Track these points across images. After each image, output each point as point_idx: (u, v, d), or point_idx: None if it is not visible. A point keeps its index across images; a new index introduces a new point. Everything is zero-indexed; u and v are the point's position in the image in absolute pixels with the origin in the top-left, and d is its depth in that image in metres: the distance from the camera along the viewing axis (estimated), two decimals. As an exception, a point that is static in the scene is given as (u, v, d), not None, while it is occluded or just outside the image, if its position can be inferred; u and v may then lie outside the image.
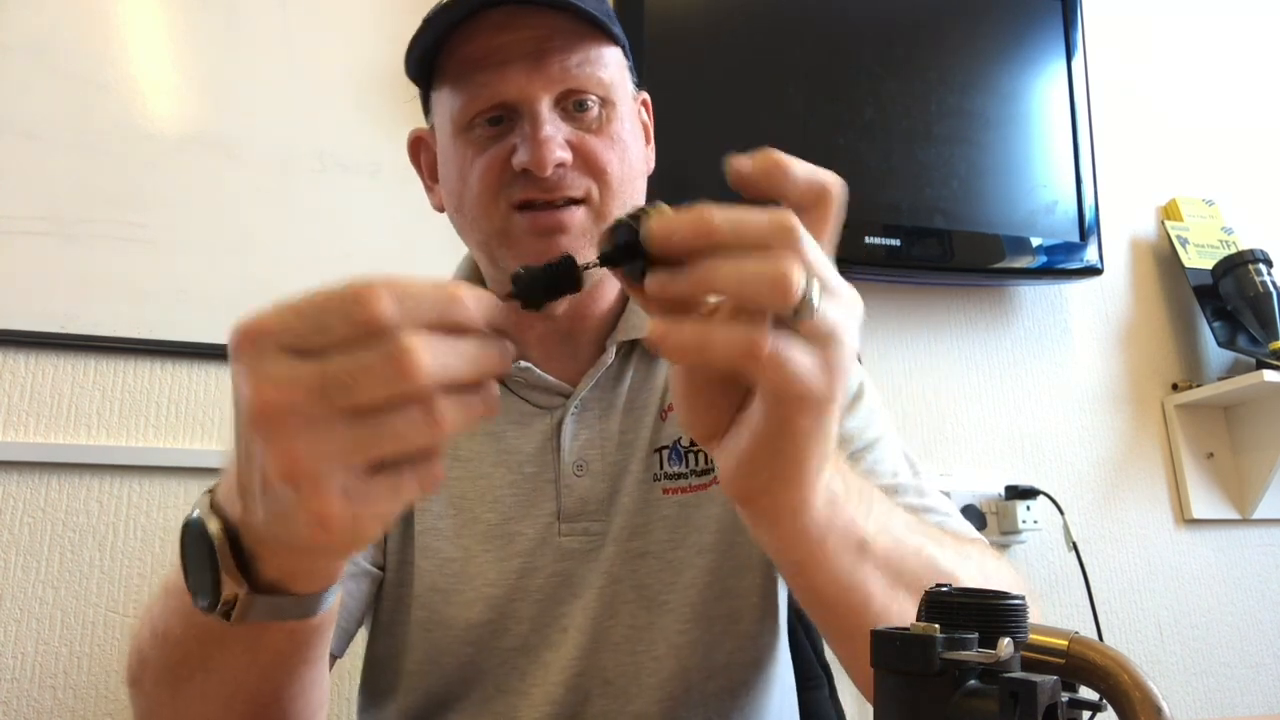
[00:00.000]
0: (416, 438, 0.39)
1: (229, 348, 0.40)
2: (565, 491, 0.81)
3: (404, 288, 0.39)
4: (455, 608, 0.80)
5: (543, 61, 0.73)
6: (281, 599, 0.47)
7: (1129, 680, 0.45)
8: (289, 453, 0.38)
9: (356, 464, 0.39)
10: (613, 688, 0.79)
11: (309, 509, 0.39)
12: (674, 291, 0.41)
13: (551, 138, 0.72)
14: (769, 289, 0.40)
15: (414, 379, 0.37)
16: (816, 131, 1.72)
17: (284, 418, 0.38)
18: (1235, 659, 1.93)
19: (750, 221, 0.40)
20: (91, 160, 1.38)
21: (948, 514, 0.80)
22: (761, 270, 0.40)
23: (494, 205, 0.75)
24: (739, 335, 0.40)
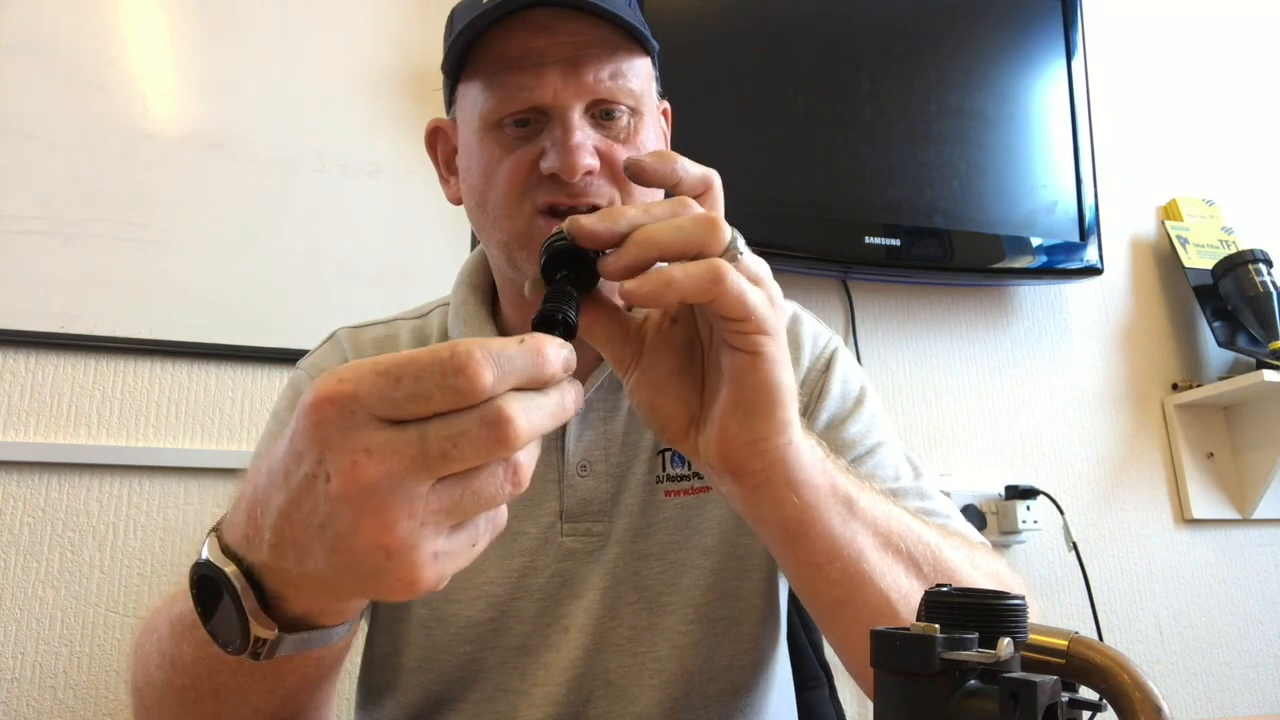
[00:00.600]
0: (500, 495, 0.40)
1: (303, 410, 0.39)
2: (568, 492, 0.81)
3: (497, 350, 0.39)
4: (456, 605, 0.80)
5: (579, 69, 0.73)
6: (309, 633, 0.47)
7: (1129, 680, 0.45)
8: (388, 526, 0.38)
9: (445, 526, 0.40)
10: (614, 689, 0.79)
11: (400, 575, 0.40)
12: (625, 261, 0.47)
13: (582, 144, 0.72)
14: (704, 230, 0.48)
15: (512, 445, 0.39)
16: (816, 131, 1.72)
17: (383, 489, 0.38)
18: (1235, 659, 1.93)
19: (658, 202, 0.49)
20: (91, 160, 1.38)
21: (949, 516, 0.81)
22: (691, 219, 0.48)
23: (518, 207, 0.75)
24: (701, 267, 0.47)
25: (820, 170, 1.71)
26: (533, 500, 0.81)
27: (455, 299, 0.88)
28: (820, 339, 0.89)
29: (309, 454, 0.39)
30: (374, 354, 0.85)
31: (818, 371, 0.86)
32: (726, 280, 0.47)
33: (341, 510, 0.38)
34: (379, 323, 0.91)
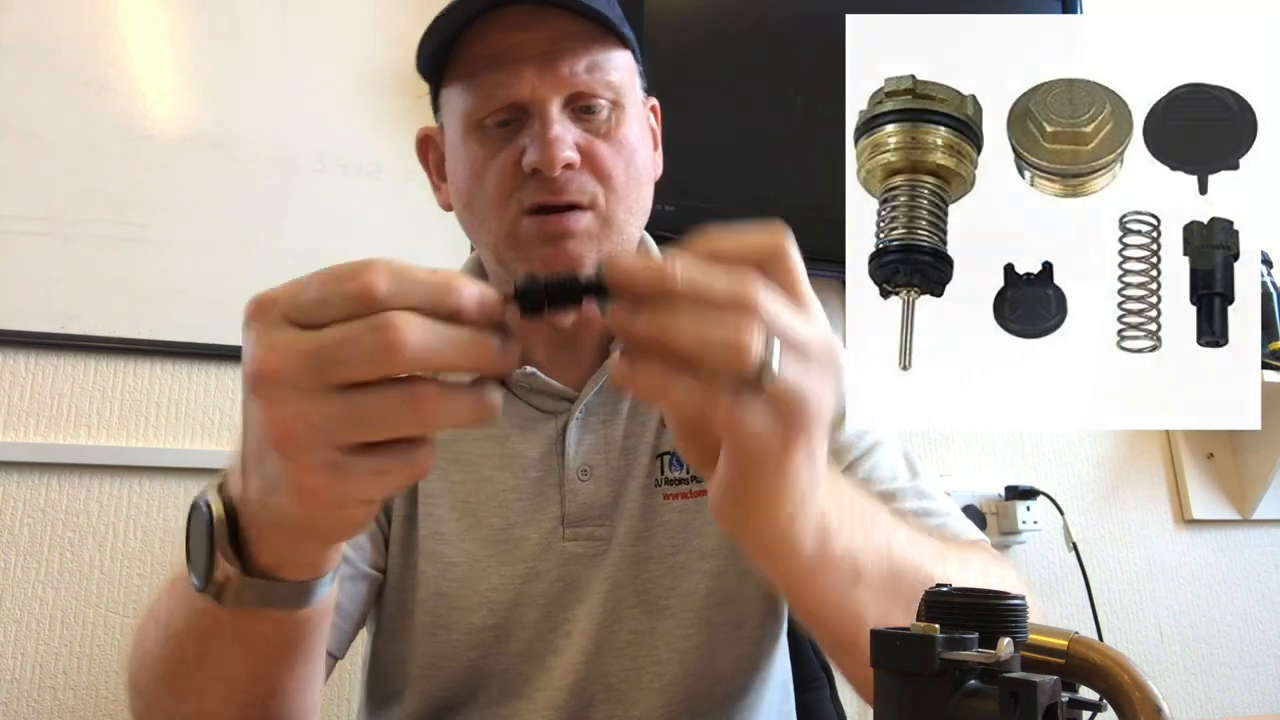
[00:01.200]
0: (398, 421, 0.39)
1: (243, 316, 0.41)
2: (569, 496, 0.80)
3: (401, 268, 0.39)
4: (460, 612, 0.79)
5: (554, 62, 0.73)
6: (272, 584, 0.48)
7: (1129, 680, 0.45)
8: (279, 417, 0.39)
9: (340, 439, 0.39)
10: (615, 693, 0.79)
11: (292, 479, 0.41)
12: (630, 333, 0.41)
13: (560, 138, 0.72)
14: (724, 355, 0.40)
15: (397, 354, 0.38)
16: (816, 131, 1.72)
17: (277, 383, 0.39)
18: (1235, 659, 1.93)
19: (710, 283, 0.40)
20: (91, 160, 1.38)
21: (948, 514, 0.80)
22: (717, 334, 0.40)
23: (504, 208, 0.75)
24: (696, 392, 0.41)
25: (820, 170, 1.71)
26: (534, 505, 0.81)
27: None
28: None
29: (244, 357, 0.41)
30: None
31: None
32: (718, 417, 0.42)
33: (251, 405, 0.41)
34: None
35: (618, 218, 0.76)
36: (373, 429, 0.39)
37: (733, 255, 0.42)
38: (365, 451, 0.40)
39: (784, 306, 0.42)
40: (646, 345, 0.41)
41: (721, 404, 0.41)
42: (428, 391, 0.39)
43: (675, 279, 0.40)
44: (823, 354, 0.44)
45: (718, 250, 0.42)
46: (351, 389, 0.38)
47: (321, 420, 0.39)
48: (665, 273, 0.40)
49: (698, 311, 0.40)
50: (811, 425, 0.44)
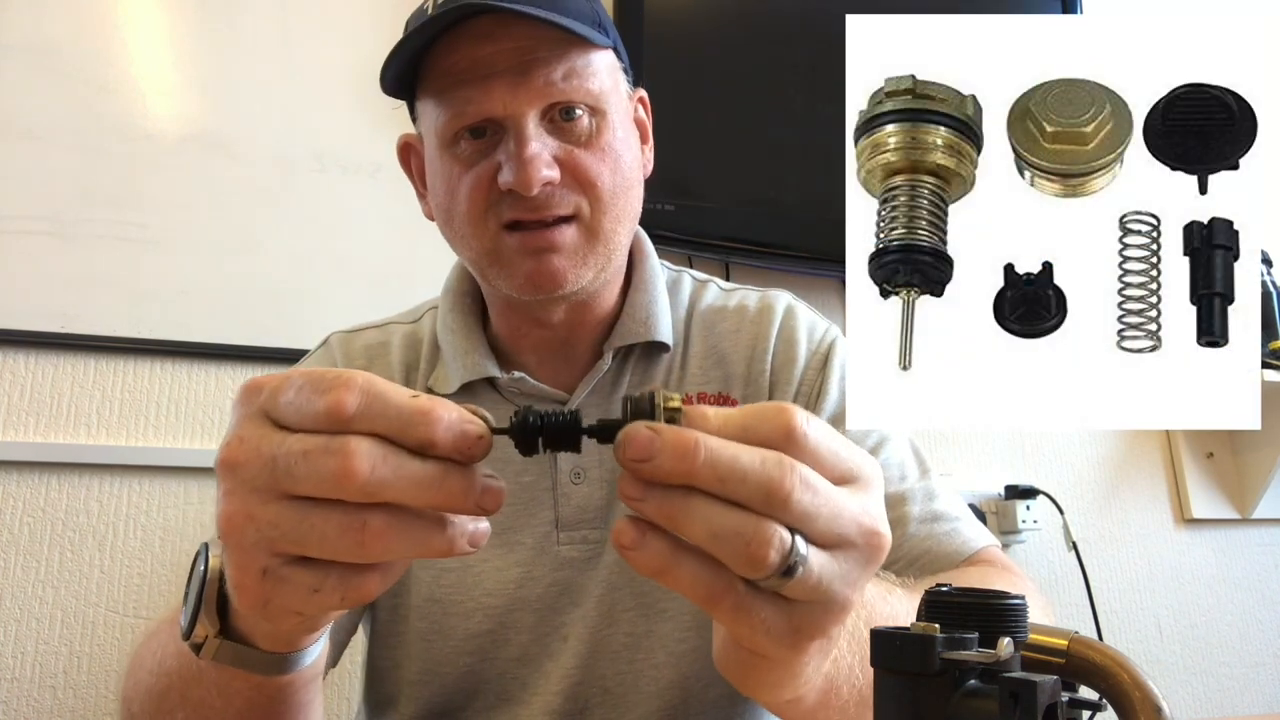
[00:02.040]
0: (337, 545, 0.37)
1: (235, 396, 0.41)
2: (563, 499, 0.80)
3: (378, 389, 0.37)
4: (455, 618, 0.79)
5: (528, 75, 0.70)
6: (247, 650, 0.46)
7: (1129, 680, 0.45)
8: (229, 509, 0.38)
9: (279, 547, 0.38)
10: (611, 696, 0.79)
11: (233, 573, 0.40)
12: (639, 509, 0.37)
13: (537, 155, 0.70)
14: (738, 557, 0.36)
15: (347, 481, 0.36)
16: (816, 131, 1.72)
17: (236, 476, 0.38)
18: (1235, 659, 1.93)
19: (737, 471, 0.35)
20: (91, 160, 1.38)
21: (958, 518, 0.79)
22: (735, 533, 0.35)
23: (483, 225, 0.74)
24: (701, 581, 0.37)
25: (820, 170, 1.71)
26: (527, 510, 0.80)
27: (443, 305, 0.87)
28: (816, 331, 0.87)
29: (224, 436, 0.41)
30: (365, 361, 0.85)
31: (815, 369, 0.84)
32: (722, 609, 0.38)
33: (218, 483, 0.40)
34: (372, 326, 0.90)
35: (604, 227, 0.75)
36: (312, 546, 0.37)
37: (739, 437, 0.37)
38: (303, 564, 0.38)
39: (823, 495, 0.37)
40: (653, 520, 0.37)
41: (729, 600, 0.37)
42: (375, 523, 0.37)
43: (696, 461, 0.35)
44: (862, 544, 0.38)
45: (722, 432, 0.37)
46: (302, 500, 0.37)
47: (265, 524, 0.37)
48: (687, 453, 0.35)
49: (719, 500, 0.36)
50: (829, 626, 0.39)
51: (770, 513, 0.36)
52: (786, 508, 0.36)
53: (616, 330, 0.83)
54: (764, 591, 0.37)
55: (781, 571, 0.36)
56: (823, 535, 0.37)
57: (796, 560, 0.36)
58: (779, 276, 1.72)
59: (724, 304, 0.89)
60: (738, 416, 0.38)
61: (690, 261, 1.64)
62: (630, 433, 0.36)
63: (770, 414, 0.38)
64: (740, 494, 0.36)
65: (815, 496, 0.37)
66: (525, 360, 0.83)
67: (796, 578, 0.36)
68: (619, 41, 0.79)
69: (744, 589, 0.37)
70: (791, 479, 0.36)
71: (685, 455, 0.35)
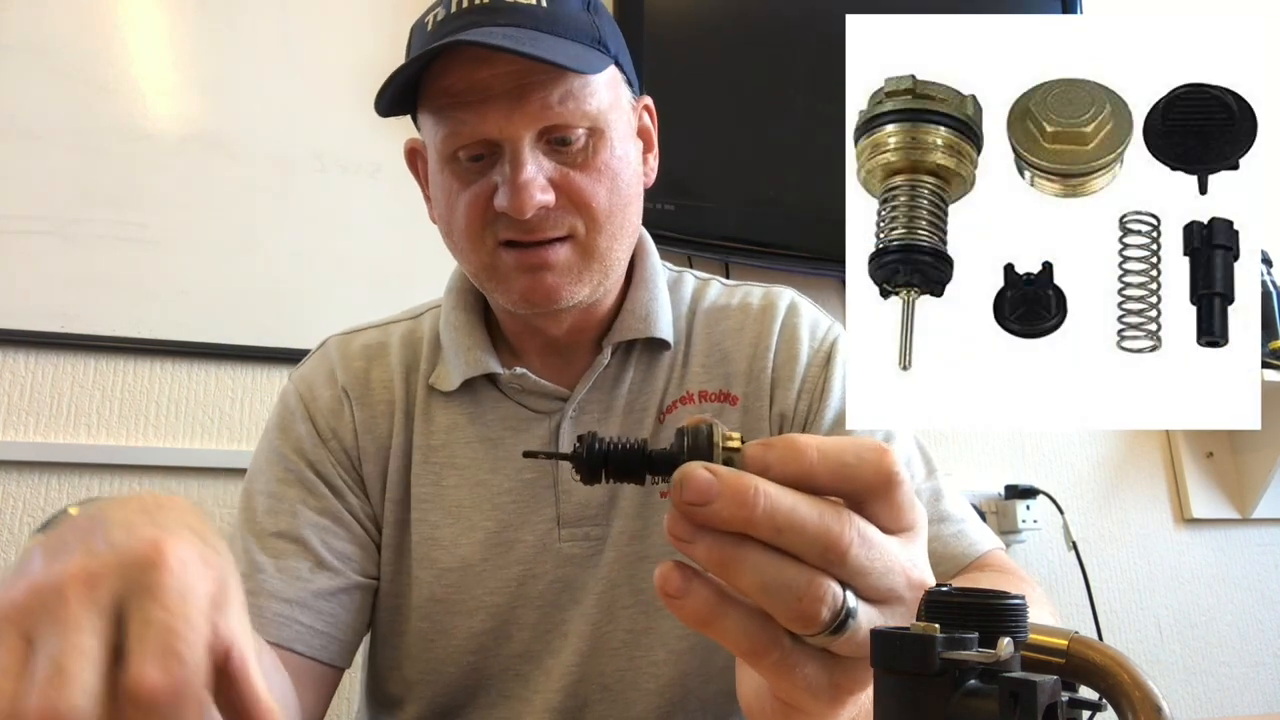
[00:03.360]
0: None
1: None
2: (564, 497, 0.80)
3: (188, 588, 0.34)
4: (456, 617, 0.79)
5: (524, 99, 0.70)
6: None
7: (1129, 680, 0.45)
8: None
9: None
10: (611, 693, 0.79)
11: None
12: (688, 552, 0.35)
13: (532, 180, 0.70)
14: (788, 613, 0.35)
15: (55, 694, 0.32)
16: (816, 131, 1.72)
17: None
18: (1235, 659, 1.93)
19: (795, 524, 0.34)
20: (91, 160, 1.38)
21: (964, 519, 0.79)
22: (787, 588, 0.34)
23: (480, 242, 0.75)
24: (747, 635, 0.36)
25: (820, 170, 1.71)
26: (528, 507, 0.80)
27: (446, 304, 0.87)
28: (819, 329, 0.87)
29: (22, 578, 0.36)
30: (363, 362, 0.85)
31: (817, 367, 0.84)
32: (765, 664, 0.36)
33: None
34: (372, 326, 0.90)
35: (599, 246, 0.75)
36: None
37: (834, 478, 0.36)
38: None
39: (878, 551, 0.36)
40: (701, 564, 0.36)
41: (774, 655, 0.36)
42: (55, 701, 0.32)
43: (755, 510, 0.34)
44: (909, 598, 0.38)
45: (816, 469, 0.35)
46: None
47: None
48: (746, 500, 0.34)
49: (772, 550, 0.34)
50: (870, 682, 0.37)
51: (825, 567, 0.35)
52: (844, 563, 0.35)
53: (616, 326, 0.83)
54: (809, 647, 0.36)
55: (832, 629, 0.35)
56: (874, 590, 0.37)
57: (847, 616, 0.35)
58: (779, 276, 1.72)
59: (726, 301, 0.89)
60: (835, 453, 0.36)
61: (690, 261, 1.64)
62: (687, 473, 0.34)
63: (873, 456, 0.36)
64: (797, 546, 0.35)
65: (871, 551, 0.36)
66: (527, 357, 0.83)
67: (846, 635, 0.36)
68: (622, 51, 0.79)
69: (790, 644, 0.36)
70: (850, 533, 0.35)
71: (744, 504, 0.34)
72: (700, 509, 0.34)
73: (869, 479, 0.36)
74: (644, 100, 0.84)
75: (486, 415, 0.82)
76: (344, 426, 0.82)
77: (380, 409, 0.83)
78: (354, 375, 0.84)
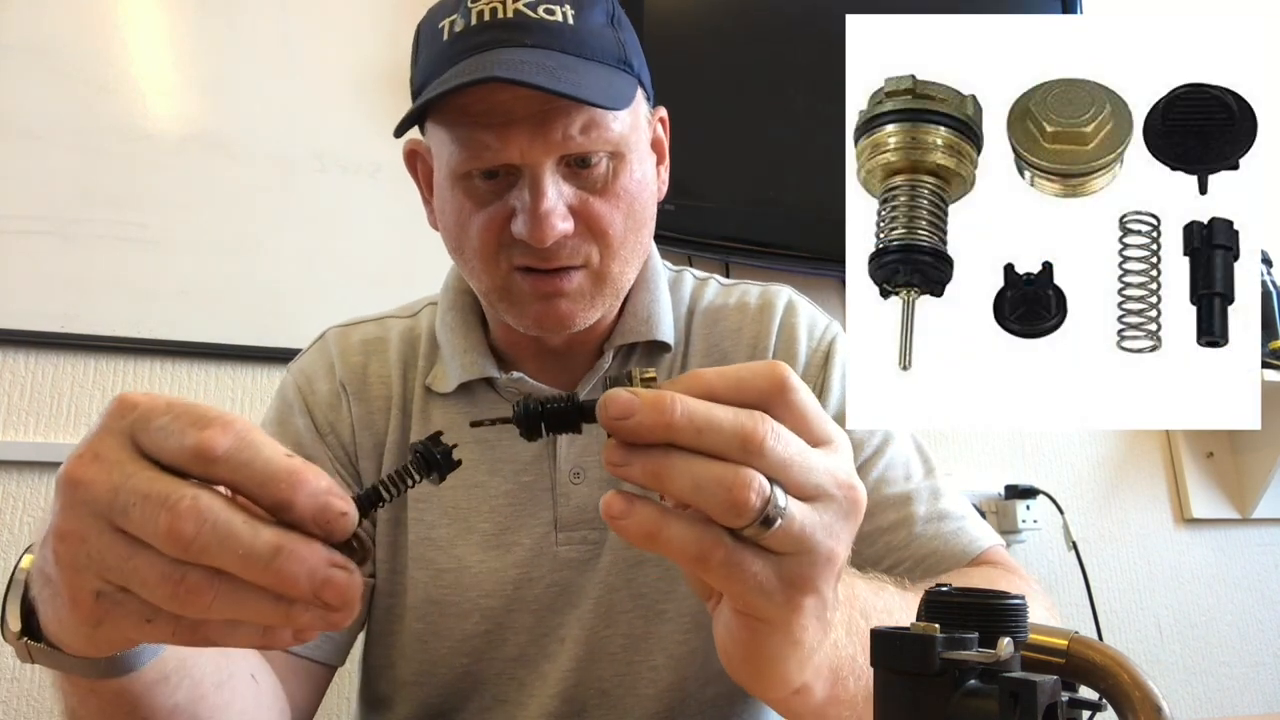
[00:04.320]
0: (158, 593, 0.36)
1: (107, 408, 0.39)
2: (562, 500, 0.79)
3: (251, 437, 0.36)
4: (451, 619, 0.79)
5: (546, 125, 0.68)
6: (59, 653, 0.43)
7: (1129, 680, 0.45)
8: (66, 525, 0.37)
9: (110, 576, 0.37)
10: (609, 698, 0.79)
11: (63, 588, 0.38)
12: (624, 474, 0.39)
13: (552, 210, 0.68)
14: (721, 505, 0.37)
15: (171, 538, 0.35)
16: (816, 131, 1.72)
17: (78, 494, 0.37)
18: (1235, 658, 1.93)
19: (713, 422, 0.38)
20: (91, 160, 1.38)
21: (963, 517, 0.79)
22: (716, 481, 0.37)
23: (494, 264, 0.73)
24: (691, 539, 0.38)
25: (820, 170, 1.71)
26: (526, 510, 0.80)
27: (442, 303, 0.86)
28: (817, 328, 0.87)
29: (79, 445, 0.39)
30: (361, 357, 0.85)
31: (816, 366, 0.84)
32: (711, 567, 0.39)
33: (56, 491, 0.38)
34: (370, 320, 0.89)
35: (612, 272, 0.74)
36: (134, 586, 0.36)
37: (732, 392, 0.39)
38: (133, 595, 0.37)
39: (795, 446, 0.39)
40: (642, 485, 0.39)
41: (719, 554, 0.38)
42: (193, 580, 0.36)
43: (674, 414, 0.37)
44: (840, 496, 0.41)
45: (715, 387, 0.39)
46: (133, 539, 0.36)
47: (96, 550, 0.36)
48: (664, 408, 0.37)
49: (698, 455, 0.38)
50: (820, 580, 0.40)
51: (746, 460, 0.38)
52: (761, 454, 0.38)
53: (618, 329, 0.83)
54: (751, 545, 0.39)
55: (762, 519, 0.38)
56: (799, 486, 0.39)
57: (776, 510, 0.38)
58: (779, 276, 1.72)
59: (724, 301, 0.88)
60: (732, 371, 0.40)
61: (690, 261, 1.64)
62: (611, 394, 0.38)
63: (764, 369, 0.40)
64: (717, 445, 0.38)
65: (788, 447, 0.39)
66: (525, 360, 0.83)
67: (779, 526, 0.38)
68: (643, 65, 0.77)
69: (732, 543, 0.39)
70: (764, 427, 0.38)
71: (663, 410, 0.37)
72: (626, 423, 0.38)
73: (763, 387, 0.40)
74: (659, 112, 0.82)
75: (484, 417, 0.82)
76: (341, 421, 0.82)
77: (377, 405, 0.83)
78: (351, 370, 0.84)
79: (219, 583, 0.36)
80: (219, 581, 0.36)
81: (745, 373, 0.40)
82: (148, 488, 0.36)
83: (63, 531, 0.37)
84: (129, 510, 0.36)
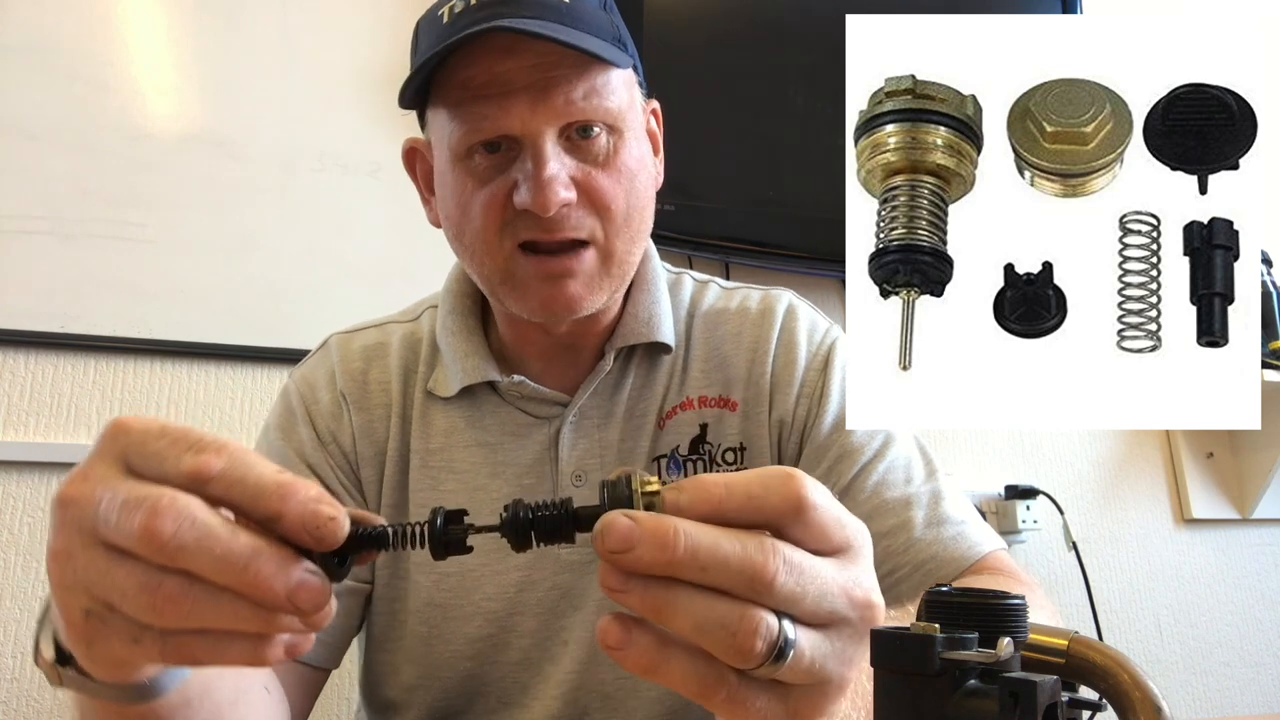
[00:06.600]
0: (136, 604, 0.36)
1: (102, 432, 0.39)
2: None
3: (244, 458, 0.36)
4: (454, 622, 0.79)
5: (547, 93, 0.68)
6: (86, 679, 0.43)
7: (1129, 680, 0.45)
8: (56, 543, 0.38)
9: (94, 591, 0.37)
10: (611, 701, 0.78)
11: (57, 607, 0.39)
12: (622, 601, 0.35)
13: (555, 177, 0.68)
14: (724, 648, 0.35)
15: (148, 539, 0.35)
16: (816, 131, 1.72)
17: (66, 512, 0.37)
18: (1235, 658, 1.93)
19: (718, 559, 0.35)
20: (91, 160, 1.38)
21: (964, 520, 0.78)
22: (719, 624, 0.35)
23: (497, 244, 0.72)
24: (693, 676, 0.36)
25: (820, 170, 1.71)
26: None
27: (443, 306, 0.86)
28: (817, 333, 0.87)
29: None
30: (361, 364, 0.85)
31: (815, 371, 0.84)
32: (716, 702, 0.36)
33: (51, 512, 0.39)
34: (371, 326, 0.89)
35: (618, 250, 0.74)
36: (116, 598, 0.36)
37: (743, 510, 0.36)
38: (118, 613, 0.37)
39: (809, 574, 0.36)
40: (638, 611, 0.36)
41: (723, 693, 0.36)
42: (169, 587, 0.35)
43: (677, 550, 0.34)
44: (855, 617, 0.38)
45: (725, 505, 0.36)
46: (114, 550, 0.36)
47: (83, 566, 0.37)
48: (666, 543, 0.34)
49: (702, 589, 0.35)
50: (830, 705, 0.38)
51: (755, 598, 0.35)
52: (771, 592, 0.35)
53: (619, 331, 0.83)
54: (757, 680, 0.37)
55: (772, 658, 0.35)
56: (812, 614, 0.37)
57: (786, 645, 0.36)
58: (779, 276, 1.72)
59: (725, 305, 0.88)
60: (742, 485, 0.36)
61: (690, 262, 1.64)
62: (608, 522, 0.35)
63: (777, 483, 0.37)
64: (723, 581, 0.35)
65: (800, 577, 0.36)
66: (527, 363, 0.83)
67: (788, 663, 0.36)
68: (636, 55, 0.78)
69: (737, 680, 0.36)
70: (774, 562, 0.35)
71: (665, 545, 0.34)
72: (625, 555, 0.34)
73: (778, 506, 0.36)
74: (652, 104, 0.83)
75: (485, 420, 0.82)
76: (343, 430, 0.82)
77: (377, 412, 0.83)
78: (351, 378, 0.84)
79: (196, 589, 0.35)
80: (196, 589, 0.35)
81: (758, 488, 0.36)
82: (128, 493, 0.36)
83: (54, 551, 0.38)
84: (110, 518, 0.36)
